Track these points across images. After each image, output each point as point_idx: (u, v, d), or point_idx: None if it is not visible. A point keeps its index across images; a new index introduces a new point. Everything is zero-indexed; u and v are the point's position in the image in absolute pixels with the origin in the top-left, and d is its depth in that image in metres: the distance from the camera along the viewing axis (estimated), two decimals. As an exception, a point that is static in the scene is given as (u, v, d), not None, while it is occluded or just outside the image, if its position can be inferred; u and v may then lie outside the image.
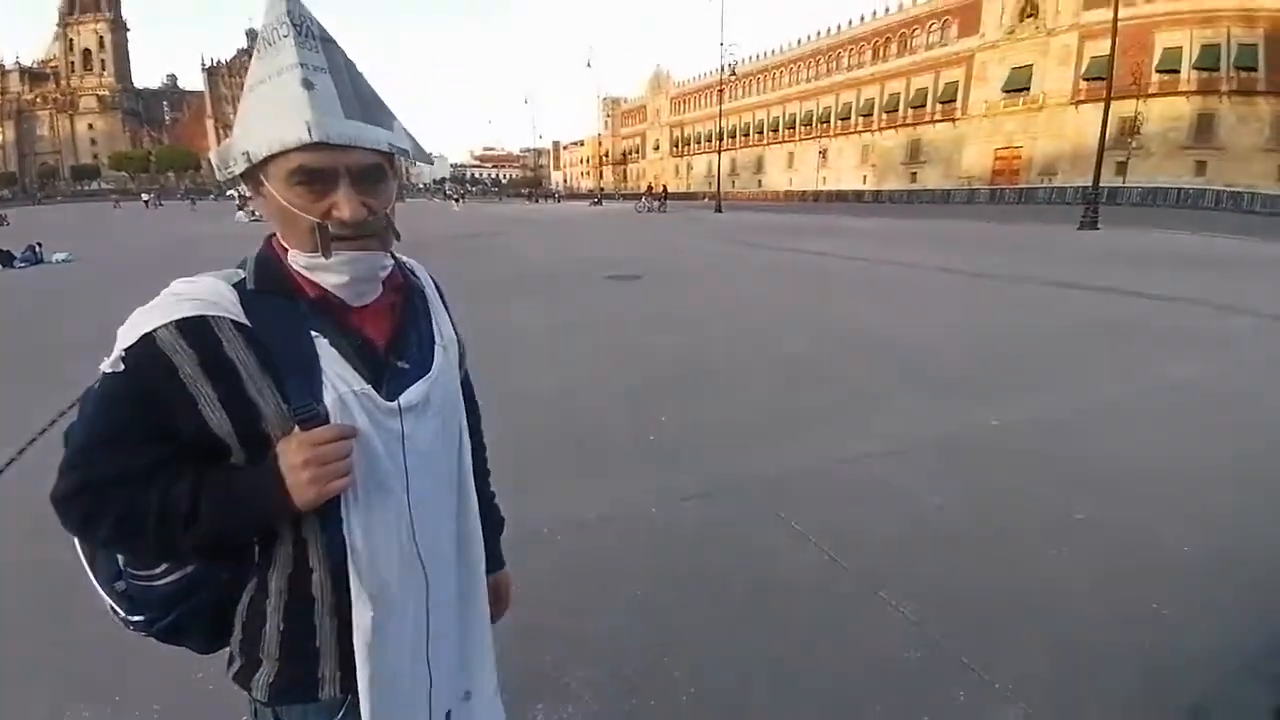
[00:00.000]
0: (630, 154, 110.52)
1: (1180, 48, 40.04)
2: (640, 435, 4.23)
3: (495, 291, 9.84)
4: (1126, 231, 18.32)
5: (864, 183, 61.29)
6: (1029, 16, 47.77)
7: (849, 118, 64.52)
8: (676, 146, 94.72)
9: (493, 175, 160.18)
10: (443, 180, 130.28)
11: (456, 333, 1.00)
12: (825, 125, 67.36)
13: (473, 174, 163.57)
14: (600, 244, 18.93)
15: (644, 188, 61.22)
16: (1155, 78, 40.98)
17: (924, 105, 56.67)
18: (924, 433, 4.15)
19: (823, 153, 68.39)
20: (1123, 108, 40.72)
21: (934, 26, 55.60)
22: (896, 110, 59.32)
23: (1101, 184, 21.02)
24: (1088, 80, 43.47)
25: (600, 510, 3.25)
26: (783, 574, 2.70)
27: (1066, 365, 5.65)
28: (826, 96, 66.98)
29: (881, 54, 60.64)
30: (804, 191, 63.33)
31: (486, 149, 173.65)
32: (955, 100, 53.86)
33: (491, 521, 1.09)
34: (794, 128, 71.55)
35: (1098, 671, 2.10)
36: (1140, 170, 40.78)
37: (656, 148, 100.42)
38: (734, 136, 79.38)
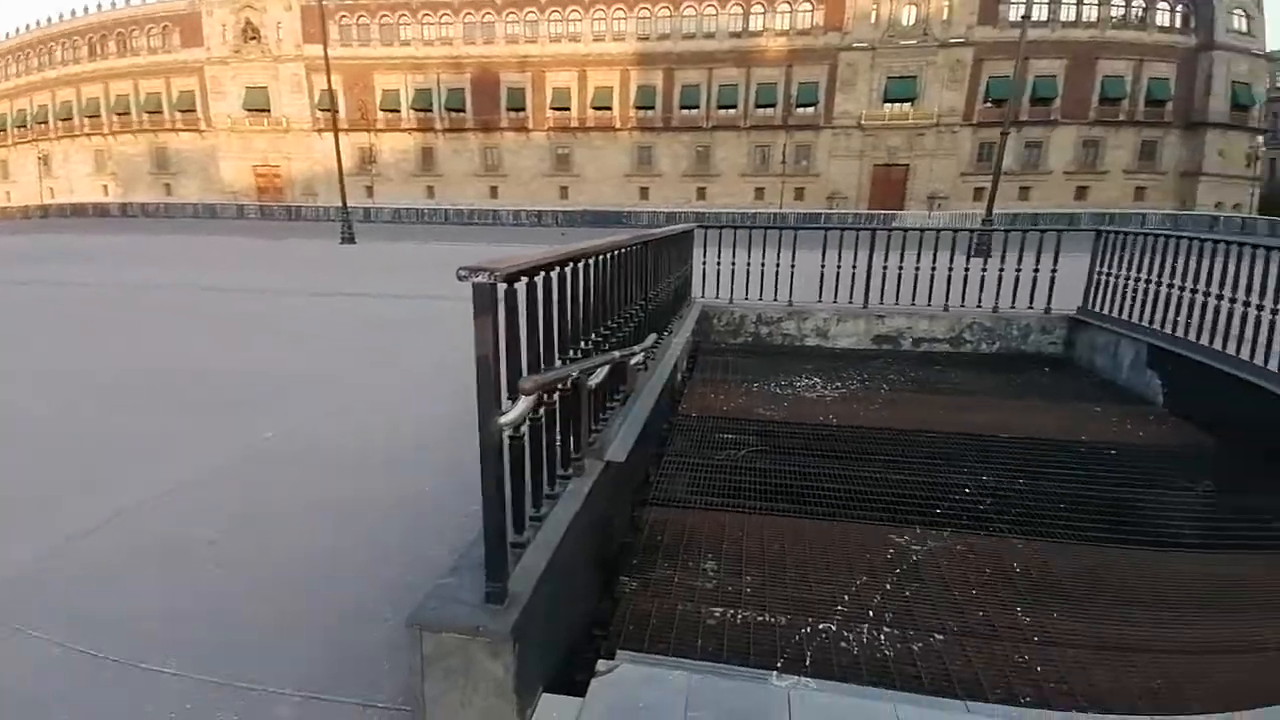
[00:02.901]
0: None
1: (398, 90, 48.68)
2: None
3: None
4: (379, 244, 21.48)
5: (106, 194, 51.23)
6: (252, 39, 48.57)
7: (70, 118, 52.20)
8: None
9: None
10: None
11: None
12: (43, 126, 52.58)
13: None
14: None
15: None
16: (382, 115, 48.70)
17: (161, 111, 50.89)
18: (202, 461, 3.76)
19: (43, 159, 53.06)
20: (362, 139, 47.03)
21: (154, 31, 50.26)
22: (129, 114, 51.32)
23: (357, 205, 23.94)
24: (322, 111, 47.85)
25: None
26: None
27: (335, 364, 6.16)
28: (40, 94, 52.28)
29: (100, 51, 51.11)
30: (27, 206, 48.25)
31: None
32: (195, 110, 50.41)
33: None
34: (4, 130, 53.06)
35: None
36: (385, 192, 48.22)
37: None
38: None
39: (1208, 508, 3.81)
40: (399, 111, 49.10)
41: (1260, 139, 42.61)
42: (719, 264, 7.69)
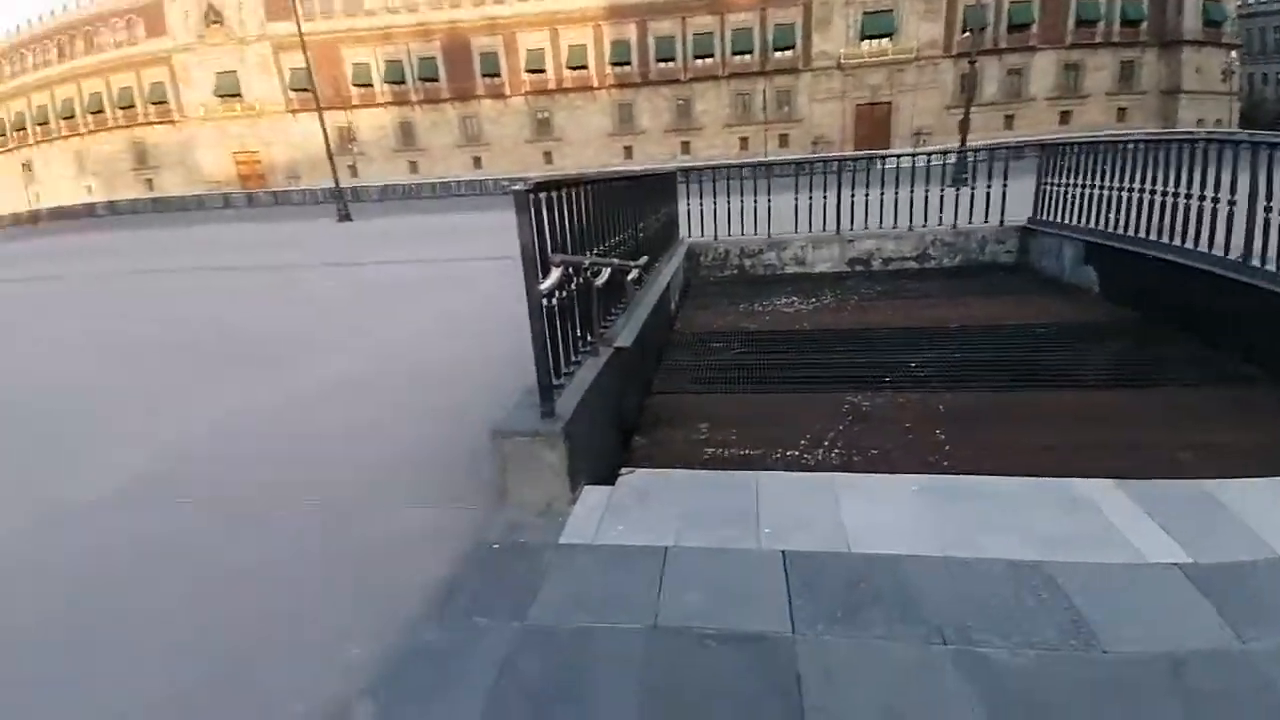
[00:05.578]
0: None
1: (368, 63, 48.18)
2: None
3: None
4: (373, 220, 22.00)
5: (90, 194, 51.54)
6: (215, 22, 47.73)
7: (47, 122, 52.35)
8: None
9: None
10: None
11: None
12: (22, 133, 52.82)
13: None
14: None
15: None
16: (355, 90, 48.27)
17: (134, 106, 50.62)
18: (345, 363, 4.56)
19: (27, 165, 53.46)
20: (339, 118, 46.73)
21: (119, 25, 49.76)
22: (103, 111, 51.28)
23: (344, 184, 24.35)
24: (295, 91, 47.42)
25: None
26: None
27: (383, 316, 6.94)
28: (16, 101, 52.43)
29: (69, 52, 51.18)
30: (17, 214, 48.85)
31: None
32: (168, 101, 50.01)
33: None
34: (-13, 139, 53.53)
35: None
36: (369, 171, 48.15)
37: None
38: None
39: (1111, 360, 4.64)
40: (372, 86, 48.58)
41: (1234, 54, 42.28)
42: (701, 208, 8.38)
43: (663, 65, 45.49)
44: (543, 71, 46.88)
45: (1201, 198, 4.94)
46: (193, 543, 2.73)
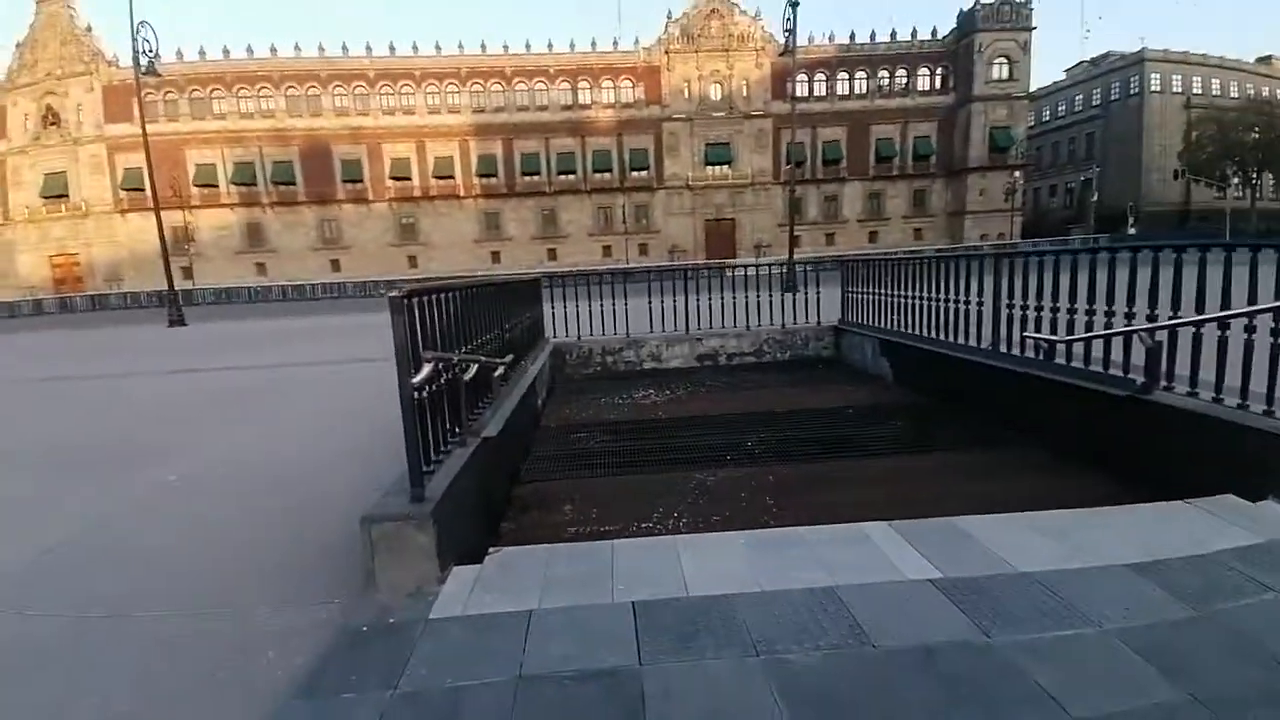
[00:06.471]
0: None
1: (214, 164, 46.16)
2: None
3: None
4: (211, 324, 20.60)
5: None
6: (53, 124, 44.69)
7: None
8: None
9: None
10: None
11: None
12: None
13: None
14: None
15: None
16: (196, 191, 45.78)
17: None
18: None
19: None
20: (174, 217, 43.82)
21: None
22: None
23: (178, 287, 22.62)
24: (126, 190, 44.36)
25: None
26: None
27: (228, 421, 6.59)
28: None
29: None
30: None
31: None
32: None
33: None
34: None
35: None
36: (208, 272, 44.99)
37: None
38: None
39: (898, 434, 5.63)
40: (217, 186, 46.53)
41: (1017, 174, 48.49)
42: (566, 310, 9.03)
43: (528, 178, 48.11)
44: (408, 179, 47.60)
45: (957, 301, 6.31)
46: (41, 654, 2.56)
